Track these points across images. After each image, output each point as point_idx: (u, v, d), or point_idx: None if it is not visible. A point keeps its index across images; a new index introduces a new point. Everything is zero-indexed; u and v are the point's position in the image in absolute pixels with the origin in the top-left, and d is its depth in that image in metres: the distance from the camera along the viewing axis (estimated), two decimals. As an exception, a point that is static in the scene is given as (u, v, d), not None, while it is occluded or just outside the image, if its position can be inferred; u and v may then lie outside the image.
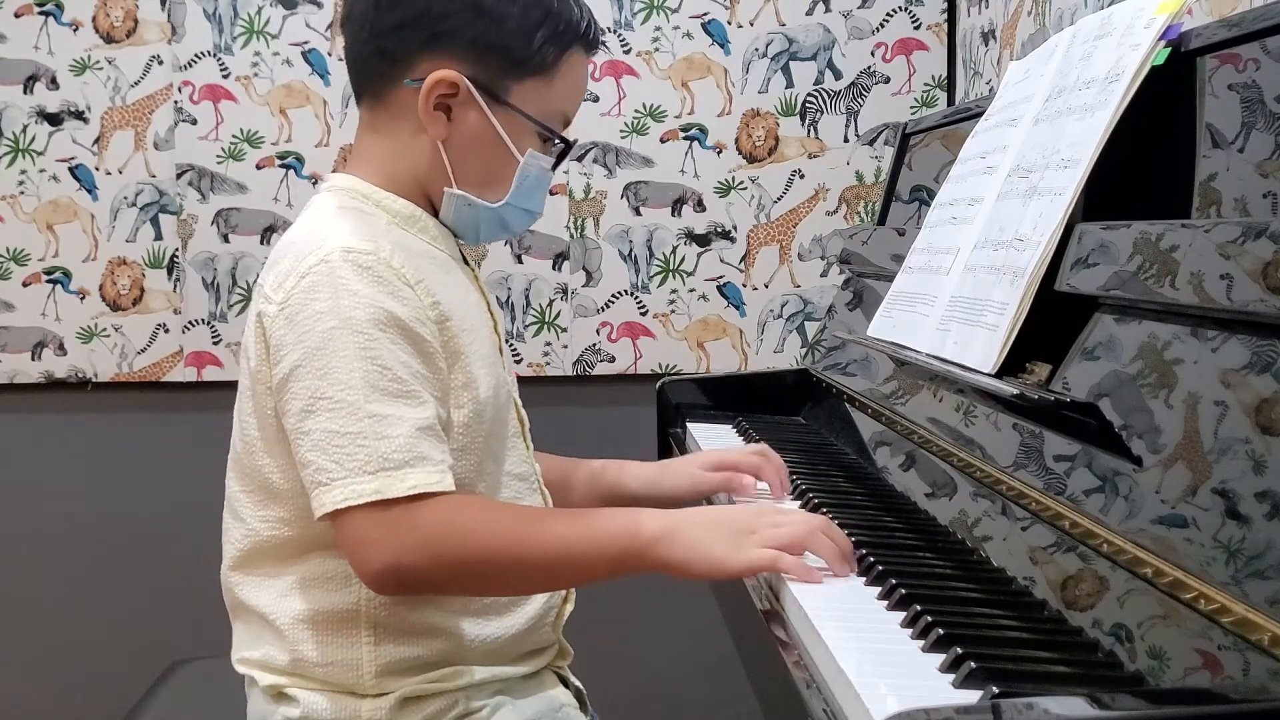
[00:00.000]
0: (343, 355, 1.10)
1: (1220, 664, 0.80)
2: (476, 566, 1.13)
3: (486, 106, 1.21)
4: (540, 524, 1.16)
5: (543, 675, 1.29)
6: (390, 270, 1.13)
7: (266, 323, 1.14)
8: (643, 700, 2.43)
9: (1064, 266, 1.17)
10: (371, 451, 1.08)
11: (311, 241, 1.15)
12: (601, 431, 2.44)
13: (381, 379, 1.10)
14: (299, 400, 1.11)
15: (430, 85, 1.19)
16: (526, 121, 1.23)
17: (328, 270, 1.12)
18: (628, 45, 2.44)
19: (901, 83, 2.45)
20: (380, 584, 1.12)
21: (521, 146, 1.23)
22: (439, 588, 1.17)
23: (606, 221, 2.46)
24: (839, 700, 0.89)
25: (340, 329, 1.10)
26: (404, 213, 1.23)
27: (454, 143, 1.22)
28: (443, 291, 1.18)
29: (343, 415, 1.09)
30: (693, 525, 1.11)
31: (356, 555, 1.11)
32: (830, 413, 1.82)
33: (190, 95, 2.42)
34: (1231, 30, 1.09)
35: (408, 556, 1.09)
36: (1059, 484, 1.06)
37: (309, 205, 1.25)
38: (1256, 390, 0.86)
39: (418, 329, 1.14)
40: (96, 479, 2.50)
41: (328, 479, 1.09)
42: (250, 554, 1.20)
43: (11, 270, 2.44)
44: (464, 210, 1.24)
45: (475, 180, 1.24)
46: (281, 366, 1.12)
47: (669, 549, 1.10)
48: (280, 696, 1.19)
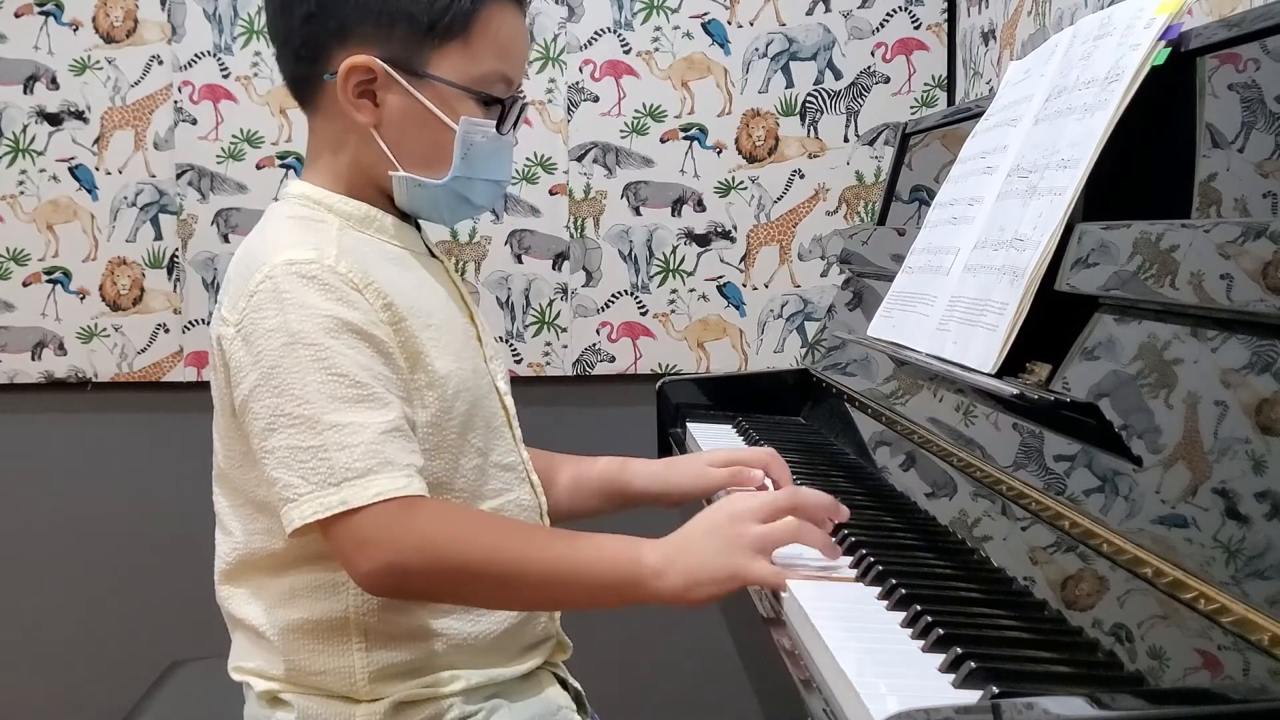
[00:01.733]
0: (296, 371, 1.09)
1: (1220, 664, 0.80)
2: (472, 574, 1.11)
3: (407, 82, 1.18)
4: (538, 539, 1.16)
5: (540, 676, 1.28)
6: (336, 276, 1.12)
7: (225, 345, 1.14)
8: (642, 700, 2.43)
9: (1064, 266, 1.16)
10: (334, 463, 1.07)
11: (257, 257, 1.15)
12: (601, 431, 2.43)
13: (339, 387, 1.09)
14: (261, 420, 1.10)
15: (344, 74, 1.18)
16: (452, 89, 1.20)
17: (272, 286, 1.11)
18: (628, 45, 2.43)
19: (901, 83, 2.45)
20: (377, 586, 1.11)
21: (454, 115, 1.20)
22: (435, 592, 1.15)
23: (606, 221, 2.46)
24: (839, 700, 0.89)
25: (291, 344, 1.10)
26: (356, 214, 1.22)
27: (386, 126, 1.20)
28: (398, 290, 1.17)
29: (303, 430, 1.08)
30: (687, 551, 1.10)
31: (349, 560, 1.10)
32: (830, 413, 1.82)
33: (190, 95, 2.42)
34: (1231, 30, 1.09)
35: (406, 557, 1.08)
36: (1059, 484, 1.06)
37: (264, 216, 1.25)
38: (1256, 390, 0.86)
39: (372, 330, 1.13)
40: (96, 479, 2.50)
41: (294, 494, 1.08)
42: (238, 567, 1.20)
43: (11, 270, 2.44)
44: (417, 192, 1.22)
45: (416, 160, 1.21)
46: (241, 389, 1.12)
47: (668, 582, 1.09)
48: (276, 701, 1.19)
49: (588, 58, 2.43)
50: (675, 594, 1.09)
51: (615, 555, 1.11)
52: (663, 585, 1.08)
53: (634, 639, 2.44)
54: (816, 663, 0.96)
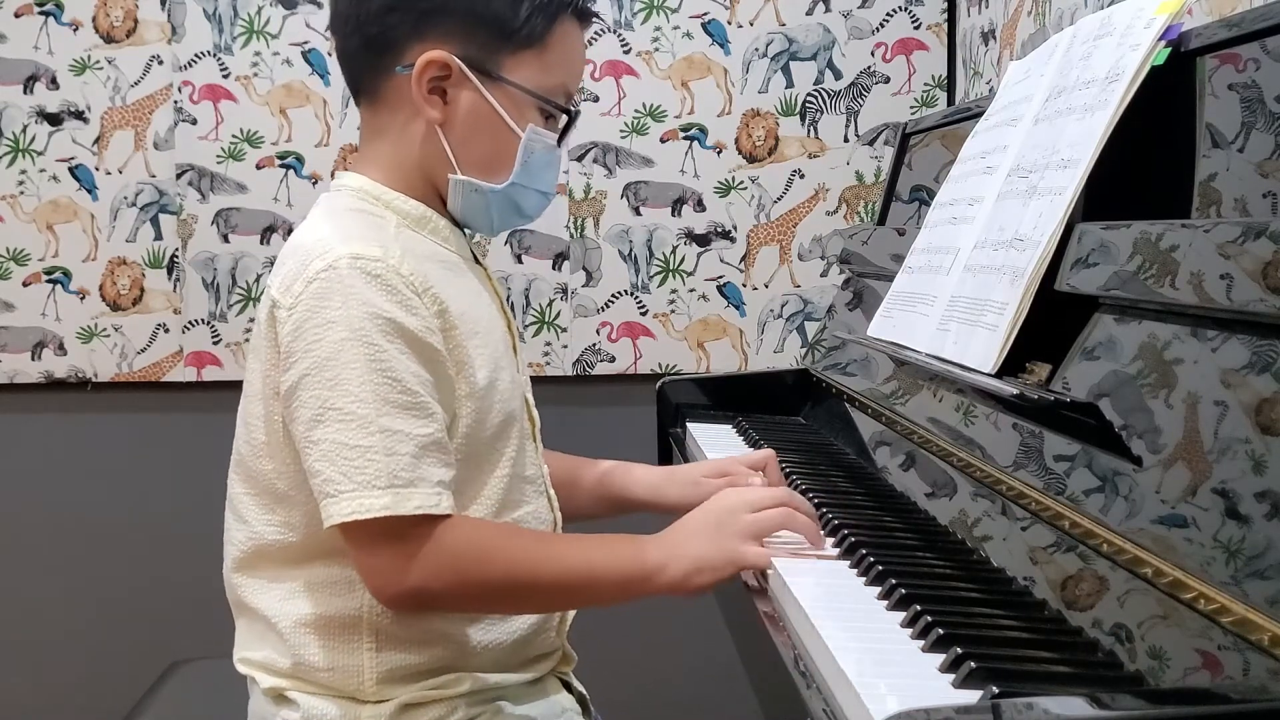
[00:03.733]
0: (353, 367, 1.09)
1: (1220, 664, 0.80)
2: (496, 589, 1.15)
3: (480, 84, 1.19)
4: (554, 549, 1.19)
5: (545, 681, 1.28)
6: (399, 278, 1.12)
7: (278, 326, 1.13)
8: (646, 704, 2.43)
9: (1064, 266, 1.16)
10: (382, 467, 1.08)
11: (318, 246, 1.13)
12: (602, 432, 2.43)
13: (392, 391, 1.09)
14: (308, 409, 1.10)
15: (421, 67, 1.17)
16: (524, 95, 1.20)
17: (336, 277, 1.10)
18: (628, 45, 2.43)
19: (901, 83, 2.45)
20: (399, 605, 1.13)
21: (521, 122, 1.21)
22: (455, 608, 1.17)
23: (606, 221, 2.46)
24: (839, 700, 0.89)
25: (351, 340, 1.09)
26: (414, 214, 1.21)
27: (452, 125, 1.20)
28: (451, 296, 1.17)
29: (353, 428, 1.08)
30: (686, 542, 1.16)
31: (376, 575, 1.11)
32: (830, 413, 1.82)
33: (190, 95, 2.42)
34: (1231, 30, 1.09)
35: (434, 583, 1.10)
36: (1059, 484, 1.06)
37: (317, 204, 1.24)
38: (1256, 390, 0.86)
39: (426, 338, 1.13)
40: (96, 479, 2.50)
41: (335, 490, 1.08)
42: (252, 556, 1.20)
43: (11, 270, 2.44)
44: (472, 197, 1.22)
45: (478, 163, 1.21)
46: (290, 374, 1.11)
47: (670, 574, 1.14)
48: (281, 699, 1.19)
49: (588, 57, 2.43)
50: (675, 584, 1.15)
51: (621, 556, 1.16)
52: (664, 578, 1.14)
53: (637, 644, 2.44)
54: (816, 663, 0.97)
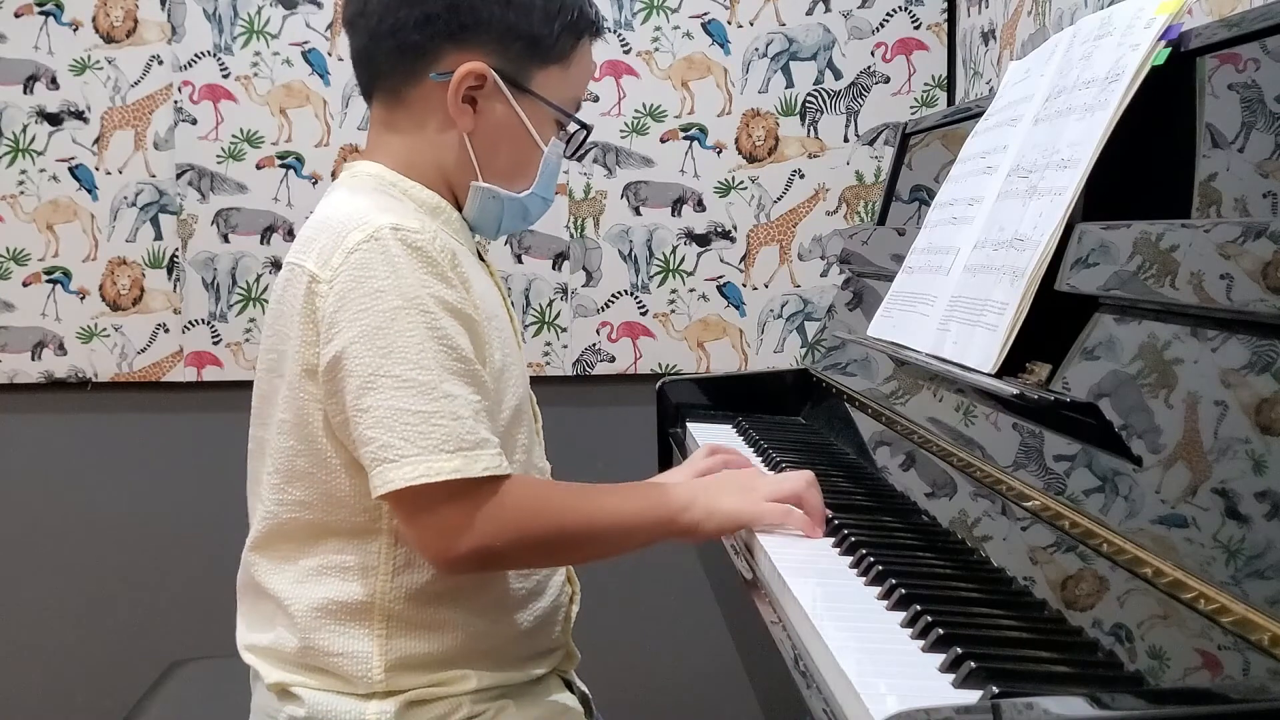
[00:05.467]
0: (410, 334, 1.10)
1: (1220, 664, 0.80)
2: (553, 541, 1.18)
3: (512, 97, 1.21)
4: (596, 499, 1.22)
5: (548, 680, 1.29)
6: (439, 252, 1.13)
7: (318, 300, 1.12)
8: (647, 704, 2.43)
9: (1064, 266, 1.16)
10: (449, 431, 1.09)
11: (353, 219, 1.14)
12: (601, 432, 2.44)
13: (449, 358, 1.11)
14: (356, 378, 1.10)
15: (460, 78, 1.19)
16: (548, 109, 1.24)
17: (380, 248, 1.11)
18: (628, 45, 2.43)
19: (901, 83, 2.45)
20: (463, 565, 1.14)
21: (545, 135, 1.24)
22: (513, 564, 1.21)
23: (606, 221, 2.46)
24: (839, 700, 0.89)
25: (405, 308, 1.10)
26: (430, 203, 1.23)
27: (480, 135, 1.22)
28: (473, 277, 1.19)
29: (413, 393, 1.09)
30: (708, 490, 1.24)
31: (438, 537, 1.12)
32: (830, 413, 1.82)
33: (190, 95, 2.42)
34: (1231, 30, 1.09)
35: (498, 540, 1.12)
36: (1059, 484, 1.06)
37: (334, 188, 1.25)
38: (1256, 390, 0.86)
39: (466, 310, 1.15)
40: (96, 479, 2.50)
41: (396, 455, 1.08)
42: (267, 535, 1.20)
43: (11, 270, 2.44)
44: (489, 203, 1.25)
45: (502, 172, 1.24)
46: (334, 344, 1.11)
47: (691, 515, 1.20)
48: (285, 695, 1.19)
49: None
50: (694, 524, 1.21)
51: (651, 499, 1.23)
52: (687, 517, 1.20)
53: (639, 645, 2.45)
54: (816, 663, 0.97)
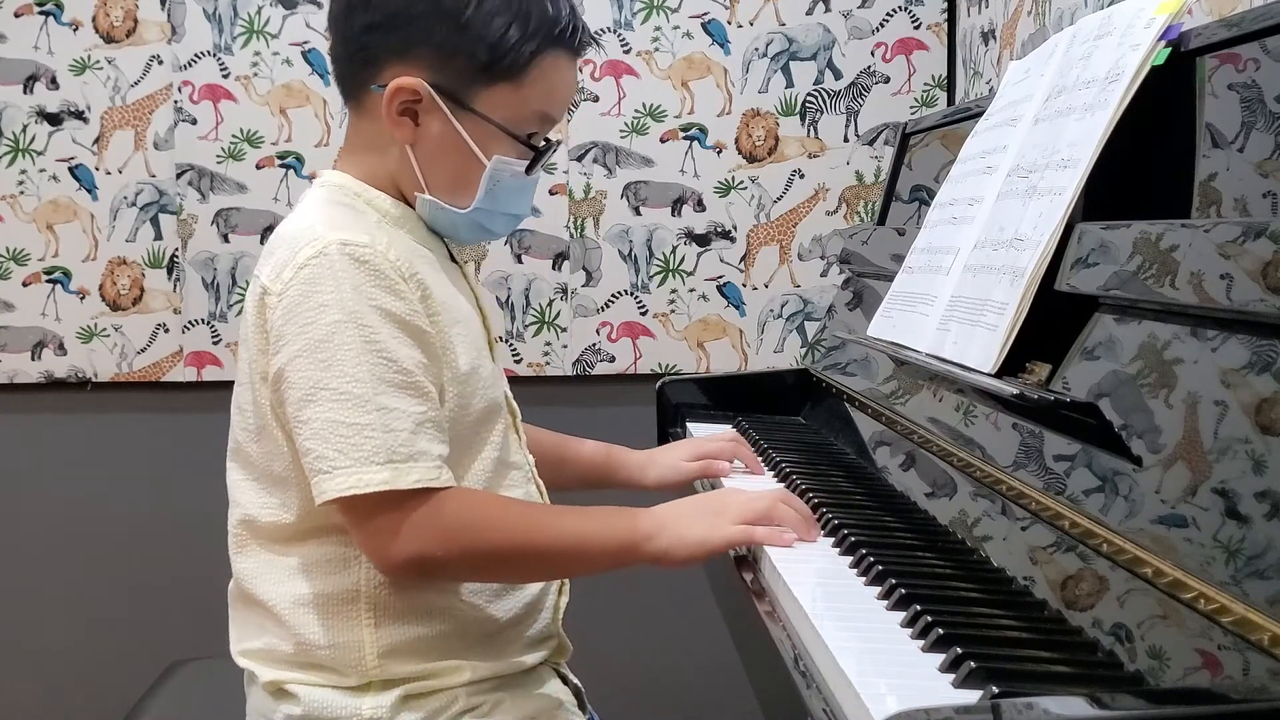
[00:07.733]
0: (348, 348, 1.11)
1: (1220, 664, 0.80)
2: (495, 556, 1.18)
3: (450, 113, 1.21)
4: (550, 519, 1.21)
5: (542, 672, 1.30)
6: (387, 263, 1.14)
7: (267, 313, 1.15)
8: (641, 699, 2.43)
9: (1064, 266, 1.16)
10: (380, 444, 1.10)
11: (306, 234, 1.16)
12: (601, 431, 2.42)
13: (387, 371, 1.12)
14: (298, 390, 1.12)
15: (392, 92, 1.20)
16: (493, 127, 1.22)
17: (327, 263, 1.13)
18: (628, 45, 2.43)
19: (901, 83, 2.45)
20: (401, 573, 1.15)
21: (489, 151, 1.22)
22: (456, 576, 1.20)
23: (606, 221, 2.46)
24: (839, 700, 0.89)
25: (345, 322, 1.12)
26: (393, 212, 1.24)
27: (421, 148, 1.22)
28: (433, 284, 1.19)
29: (348, 406, 1.10)
30: (677, 518, 1.19)
31: (376, 545, 1.13)
32: (830, 413, 1.82)
33: (190, 95, 2.42)
34: (1231, 30, 1.09)
35: (435, 550, 1.12)
36: (1059, 484, 1.06)
37: (302, 199, 1.27)
38: (1256, 390, 0.86)
39: (415, 321, 1.15)
40: (96, 479, 2.50)
41: (330, 467, 1.11)
42: (246, 537, 1.22)
43: (11, 270, 2.44)
44: (439, 214, 1.25)
45: (443, 185, 1.24)
46: (280, 357, 1.14)
47: (657, 544, 1.17)
48: (281, 693, 1.20)
49: (588, 57, 2.42)
50: (661, 553, 1.17)
51: (614, 524, 1.19)
52: (652, 547, 1.17)
53: (633, 640, 2.44)
54: (816, 663, 0.96)
